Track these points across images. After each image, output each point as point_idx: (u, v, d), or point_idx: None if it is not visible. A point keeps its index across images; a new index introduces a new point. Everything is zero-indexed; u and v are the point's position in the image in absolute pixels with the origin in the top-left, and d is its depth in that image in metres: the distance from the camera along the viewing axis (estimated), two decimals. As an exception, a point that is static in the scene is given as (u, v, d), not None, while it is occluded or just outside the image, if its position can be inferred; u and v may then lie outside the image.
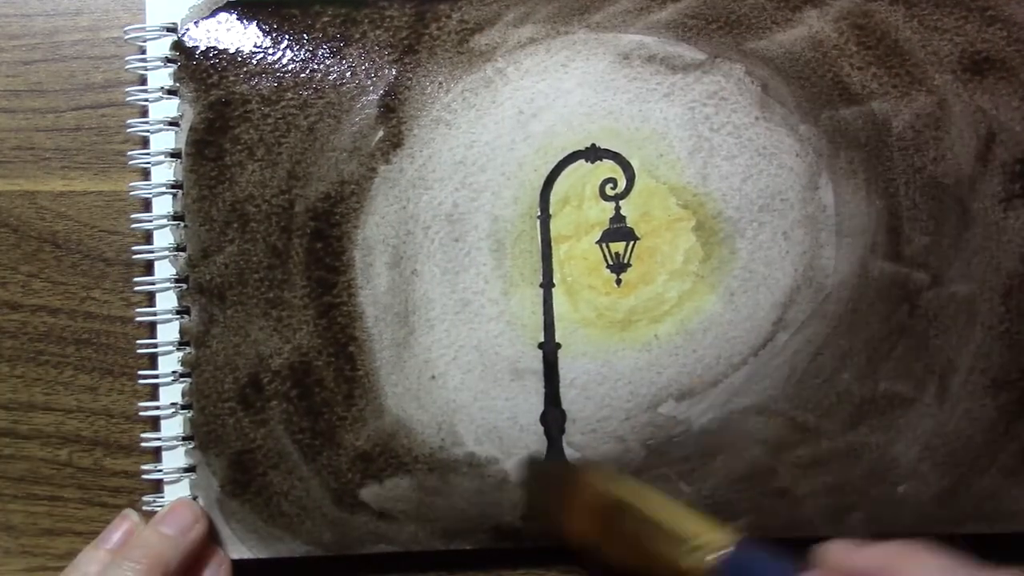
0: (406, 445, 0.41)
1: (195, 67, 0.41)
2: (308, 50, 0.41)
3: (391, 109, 0.41)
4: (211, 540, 0.41)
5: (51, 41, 0.44)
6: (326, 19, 0.42)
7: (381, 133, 0.41)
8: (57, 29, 0.44)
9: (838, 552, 0.33)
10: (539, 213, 0.41)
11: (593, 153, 0.41)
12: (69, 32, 0.44)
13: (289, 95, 0.41)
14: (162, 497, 0.41)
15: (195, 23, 0.42)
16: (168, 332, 0.42)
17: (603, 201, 0.41)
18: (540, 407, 0.41)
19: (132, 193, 0.42)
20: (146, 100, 0.42)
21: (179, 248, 0.42)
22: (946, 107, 0.40)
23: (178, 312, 0.42)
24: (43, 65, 0.44)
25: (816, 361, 0.40)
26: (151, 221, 0.42)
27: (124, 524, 0.39)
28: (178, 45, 0.42)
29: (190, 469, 0.41)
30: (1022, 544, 0.40)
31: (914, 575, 0.30)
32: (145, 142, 0.42)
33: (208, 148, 0.41)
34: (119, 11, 0.44)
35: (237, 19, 0.42)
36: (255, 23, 0.42)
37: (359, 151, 0.41)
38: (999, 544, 0.39)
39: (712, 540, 0.34)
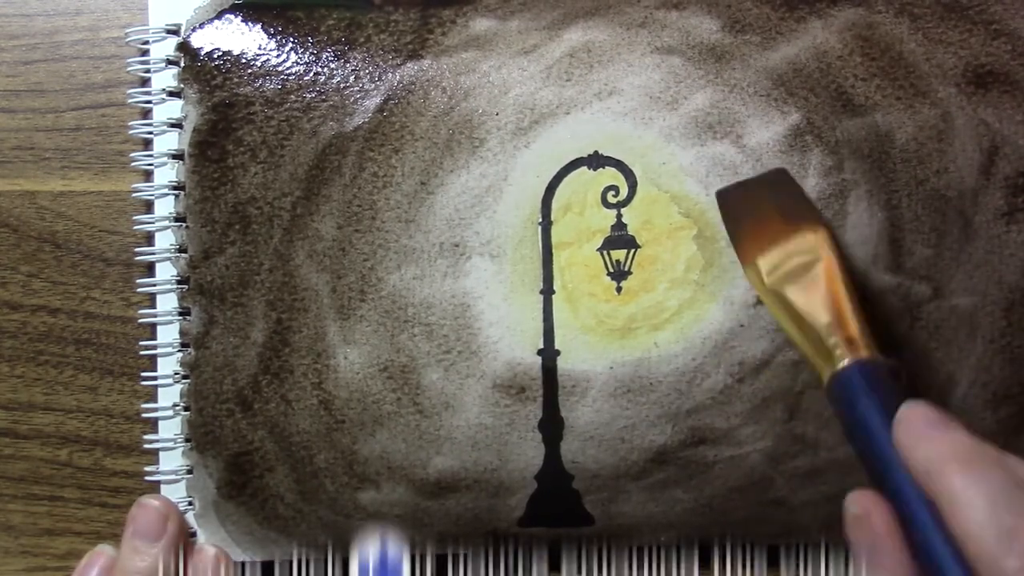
0: (403, 450, 0.41)
1: (199, 68, 0.41)
2: (312, 53, 0.41)
3: (394, 114, 0.41)
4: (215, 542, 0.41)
5: (51, 41, 0.44)
6: (331, 22, 0.41)
7: (383, 137, 0.41)
8: (57, 29, 0.44)
9: (913, 427, 0.30)
10: (540, 219, 0.41)
11: (595, 160, 0.41)
12: (69, 32, 0.44)
13: (293, 97, 0.41)
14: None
15: (200, 25, 0.42)
16: (168, 333, 0.42)
17: (605, 208, 0.41)
18: (538, 414, 0.41)
19: (135, 194, 0.42)
20: (148, 101, 0.42)
21: (181, 249, 0.42)
22: (949, 120, 0.40)
23: (179, 313, 0.42)
24: (43, 65, 0.44)
25: (815, 372, 0.40)
26: (153, 222, 0.42)
27: (99, 560, 0.39)
28: (183, 46, 0.42)
29: (189, 471, 0.41)
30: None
31: (966, 497, 0.28)
32: (146, 143, 0.42)
33: (211, 149, 0.41)
34: (120, 11, 0.44)
35: (242, 21, 0.42)
36: (260, 25, 0.42)
37: (361, 155, 0.41)
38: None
39: (852, 340, 0.34)
